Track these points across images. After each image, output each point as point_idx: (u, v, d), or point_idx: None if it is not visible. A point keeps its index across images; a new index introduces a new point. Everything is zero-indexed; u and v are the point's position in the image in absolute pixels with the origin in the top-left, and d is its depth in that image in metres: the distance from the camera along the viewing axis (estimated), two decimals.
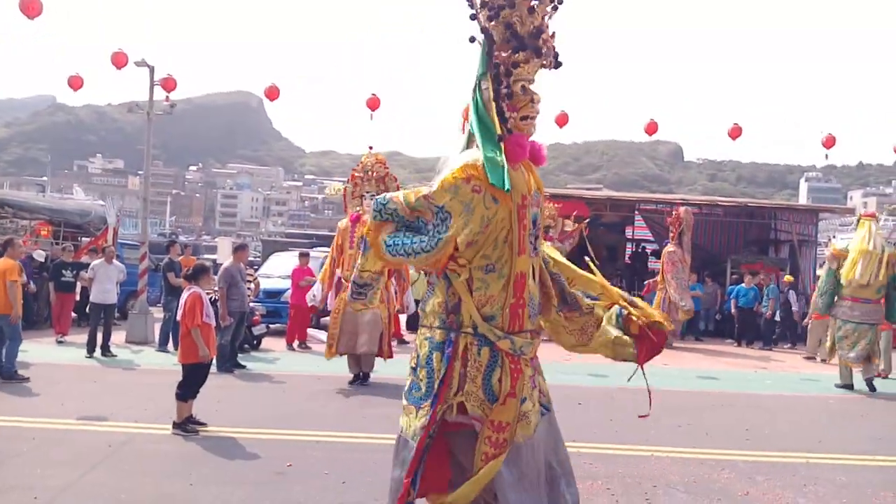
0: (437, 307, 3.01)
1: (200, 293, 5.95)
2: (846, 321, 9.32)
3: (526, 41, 2.94)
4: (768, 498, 4.70)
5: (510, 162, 2.92)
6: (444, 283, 3.01)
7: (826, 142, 14.05)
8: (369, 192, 8.16)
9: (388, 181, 8.31)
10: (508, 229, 2.93)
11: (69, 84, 13.40)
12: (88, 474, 4.69)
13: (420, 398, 2.99)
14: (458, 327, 2.94)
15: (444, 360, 2.91)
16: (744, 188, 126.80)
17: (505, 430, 2.88)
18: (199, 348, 5.80)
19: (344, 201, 8.62)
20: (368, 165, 8.42)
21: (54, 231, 15.51)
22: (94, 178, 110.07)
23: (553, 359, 11.06)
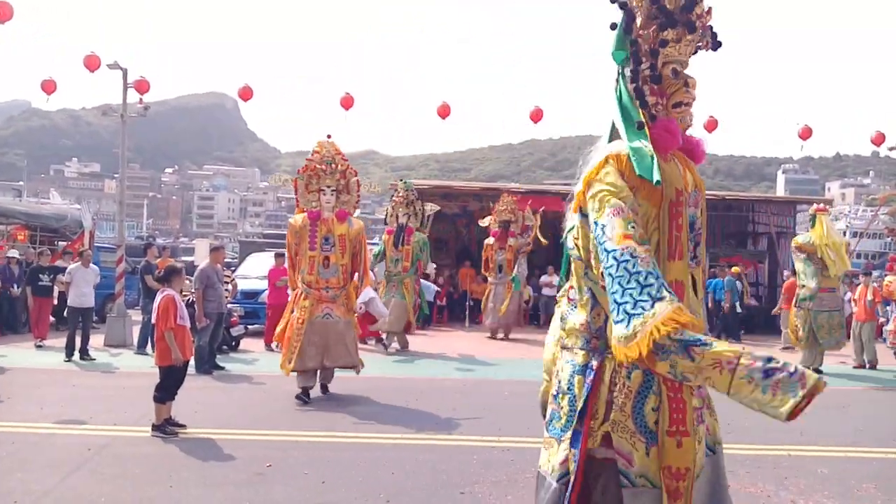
0: (579, 327, 2.53)
1: (174, 295, 5.90)
2: (819, 311, 9.89)
3: (676, 16, 2.49)
4: (750, 491, 4.75)
5: (659, 151, 2.44)
6: (588, 300, 2.51)
7: (802, 133, 14.25)
8: (329, 187, 7.33)
9: (350, 176, 7.53)
10: (657, 229, 2.43)
11: (42, 88, 13.23)
12: (68, 478, 4.64)
13: (561, 429, 2.56)
14: (605, 349, 2.44)
15: (587, 386, 2.46)
16: (721, 181, 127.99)
17: (683, 477, 2.35)
18: (172, 351, 5.75)
19: (295, 195, 7.59)
20: (329, 156, 7.45)
21: (30, 235, 15.33)
22: (71, 182, 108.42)
23: (533, 355, 11.20)
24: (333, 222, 7.30)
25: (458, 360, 10.56)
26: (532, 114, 14.69)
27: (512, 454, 5.43)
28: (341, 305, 7.24)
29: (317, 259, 7.21)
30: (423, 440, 5.82)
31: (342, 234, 7.29)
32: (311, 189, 7.42)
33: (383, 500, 4.39)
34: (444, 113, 14.87)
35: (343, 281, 7.28)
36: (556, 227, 16.99)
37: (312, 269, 7.20)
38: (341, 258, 7.25)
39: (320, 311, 7.11)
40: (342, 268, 7.26)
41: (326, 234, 7.24)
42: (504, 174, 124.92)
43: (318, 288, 7.17)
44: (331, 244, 7.23)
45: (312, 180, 7.42)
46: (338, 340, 7.12)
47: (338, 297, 7.22)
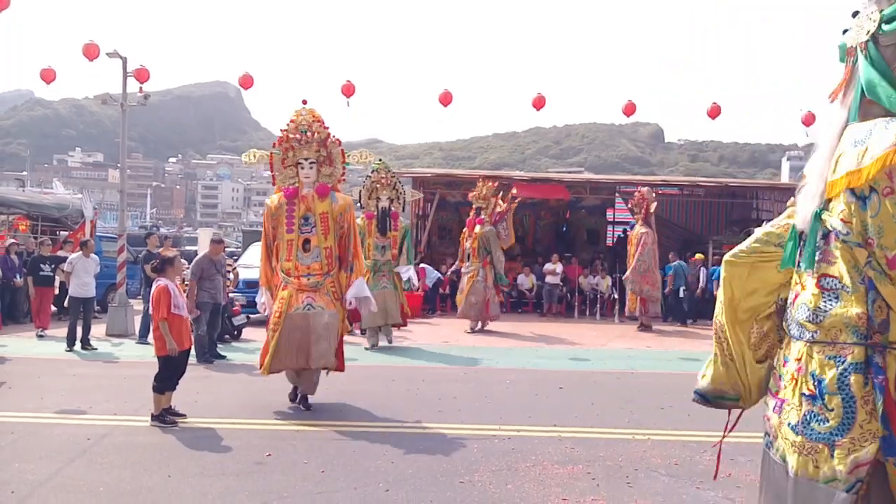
0: (852, 320, 2.26)
1: (168, 285, 5.87)
2: None
3: None
4: (751, 479, 4.71)
5: None
6: (864, 291, 2.25)
7: (806, 119, 14.14)
8: (308, 159, 6.37)
9: (332, 146, 6.50)
10: None
11: (41, 77, 13.21)
12: (66, 468, 4.64)
13: (831, 433, 2.28)
14: (887, 345, 2.21)
15: (879, 386, 2.19)
16: (725, 168, 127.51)
17: None
18: (167, 341, 5.73)
19: (271, 171, 6.60)
20: (305, 124, 6.44)
21: (32, 225, 15.36)
22: (74, 172, 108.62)
23: (535, 344, 11.18)
24: (313, 199, 6.33)
25: (460, 348, 10.54)
26: (534, 101, 14.59)
27: (513, 443, 5.41)
28: (325, 294, 6.26)
29: (295, 242, 6.29)
30: (423, 428, 5.80)
31: (324, 212, 6.32)
32: (287, 164, 6.47)
33: (383, 488, 4.37)
34: (445, 100, 14.78)
35: (328, 266, 6.33)
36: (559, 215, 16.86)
37: (290, 253, 6.29)
38: (324, 240, 6.30)
39: (300, 301, 6.15)
40: (325, 251, 6.31)
41: (305, 213, 6.33)
42: (508, 162, 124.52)
43: (297, 276, 6.26)
44: (311, 224, 6.32)
45: (289, 153, 6.45)
46: (321, 336, 6.08)
47: (321, 284, 6.26)
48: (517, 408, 6.65)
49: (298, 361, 6.09)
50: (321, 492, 4.32)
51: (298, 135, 6.40)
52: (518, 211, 19.32)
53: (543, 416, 6.31)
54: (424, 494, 4.30)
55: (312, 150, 6.39)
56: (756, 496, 4.40)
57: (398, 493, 4.31)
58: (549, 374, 8.62)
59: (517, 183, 17.75)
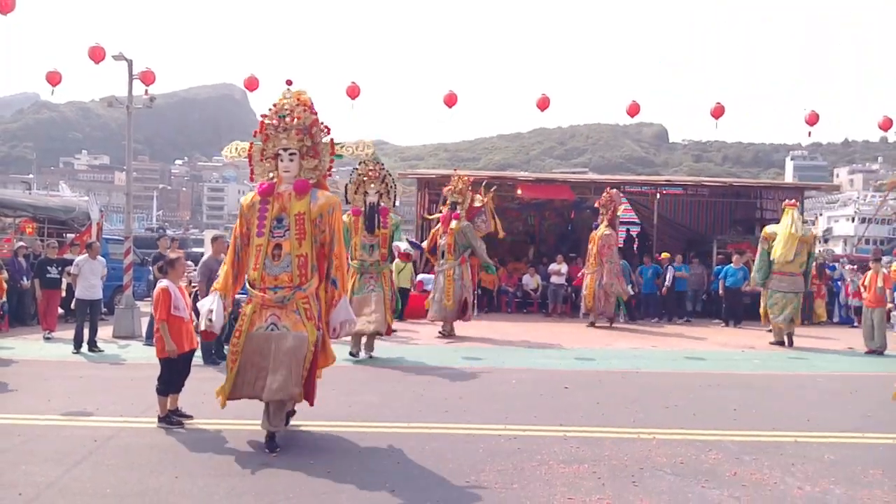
0: None
1: (169, 286, 5.86)
2: (775, 291, 11.60)
3: None
4: (756, 478, 4.72)
5: None
6: None
7: (809, 119, 14.09)
8: (287, 150, 5.40)
9: (317, 133, 5.50)
10: None
11: (47, 79, 13.24)
12: (73, 470, 4.66)
13: None
14: None
15: None
16: (729, 168, 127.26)
17: None
18: (166, 343, 5.74)
19: (250, 164, 5.67)
20: (287, 109, 5.44)
21: (39, 228, 15.42)
22: (80, 175, 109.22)
23: (540, 344, 11.17)
24: (290, 197, 5.36)
25: (465, 348, 10.54)
26: (539, 102, 14.59)
27: (518, 443, 5.42)
28: (294, 312, 5.25)
29: (264, 248, 5.31)
30: (428, 429, 5.81)
31: (300, 212, 5.32)
32: (266, 155, 5.50)
33: (388, 489, 4.38)
34: (450, 102, 14.79)
35: (300, 278, 5.28)
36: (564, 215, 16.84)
37: (258, 261, 5.32)
38: (297, 246, 5.28)
39: (263, 319, 5.25)
40: (298, 259, 5.28)
41: (279, 214, 5.35)
42: (513, 163, 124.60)
43: (262, 288, 5.28)
44: (284, 227, 5.33)
45: (269, 143, 5.46)
46: (281, 363, 5.07)
47: (289, 300, 5.24)
48: (523, 407, 6.65)
49: (256, 391, 5.19)
50: (327, 492, 4.34)
51: (277, 120, 5.40)
52: (523, 211, 19.45)
53: (549, 415, 6.31)
54: (430, 494, 4.31)
55: (293, 139, 5.37)
56: (762, 495, 4.42)
57: (404, 493, 4.32)
58: (554, 373, 8.62)
59: (522, 184, 17.77)
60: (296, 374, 5.10)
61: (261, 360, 5.17)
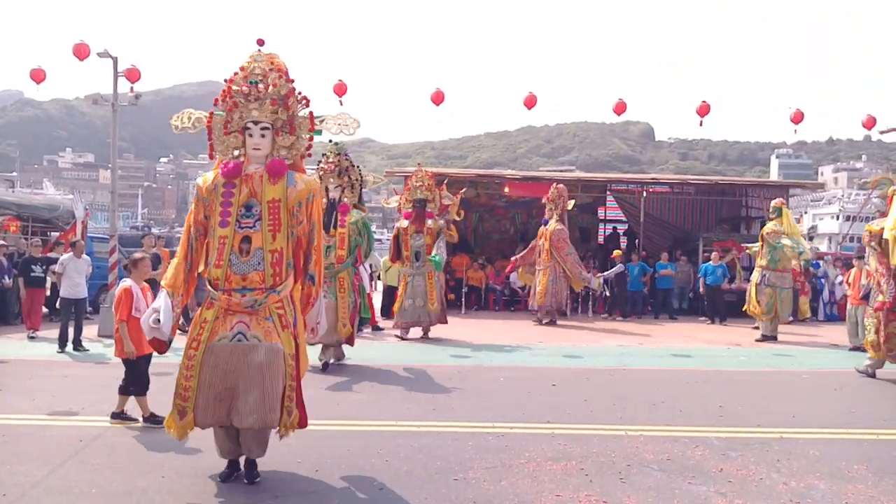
0: None
1: (132, 286, 5.80)
2: (783, 288, 11.84)
3: None
4: (742, 474, 4.76)
5: None
6: None
7: (794, 117, 14.24)
8: (258, 123, 4.42)
9: (293, 104, 4.55)
10: None
11: (31, 77, 13.12)
12: (59, 470, 4.62)
13: None
14: None
15: None
16: (715, 166, 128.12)
17: None
18: (125, 344, 5.68)
19: (209, 139, 4.66)
20: (258, 74, 4.46)
21: (22, 226, 15.26)
22: (65, 173, 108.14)
23: (527, 342, 11.21)
24: (262, 180, 4.42)
25: (454, 346, 10.55)
26: (526, 100, 14.64)
27: (507, 440, 5.44)
28: (266, 319, 4.37)
29: (229, 241, 4.34)
30: (417, 427, 5.81)
31: (274, 199, 4.41)
32: (231, 129, 4.49)
33: (377, 487, 4.38)
34: (437, 100, 14.80)
35: (273, 278, 4.38)
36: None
37: (221, 257, 4.34)
38: (271, 240, 4.37)
39: (228, 328, 4.32)
40: (272, 255, 4.38)
41: (248, 200, 4.41)
42: (500, 161, 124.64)
43: (227, 289, 4.33)
44: (255, 216, 4.39)
45: (233, 114, 4.47)
46: (253, 382, 4.20)
47: (260, 304, 4.35)
48: (510, 405, 6.68)
49: (217, 416, 4.23)
50: (315, 490, 4.33)
51: (247, 87, 4.43)
52: (510, 209, 19.49)
53: (537, 412, 6.34)
54: (419, 492, 4.31)
55: (266, 111, 4.42)
56: (748, 490, 4.46)
57: (393, 491, 4.33)
58: (541, 371, 8.65)
59: (509, 182, 17.80)
60: (270, 397, 4.21)
61: (224, 379, 4.21)
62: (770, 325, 11.95)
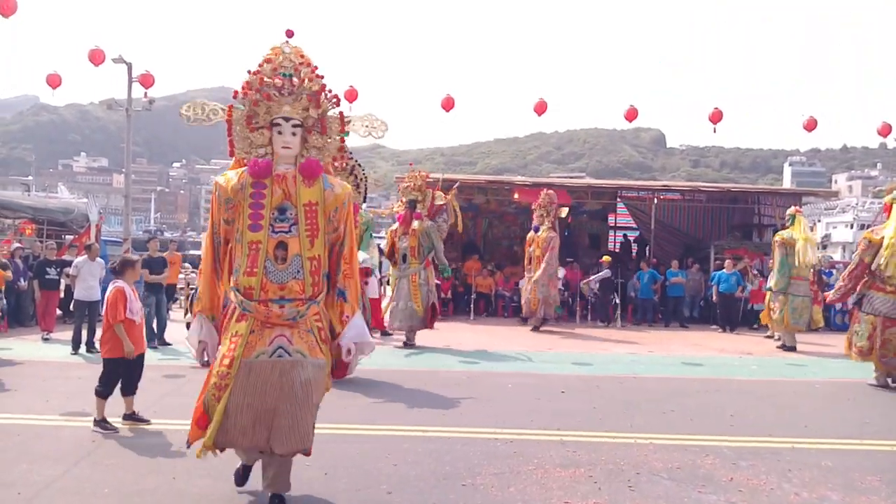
0: None
1: (125, 288, 5.84)
2: (796, 296, 11.76)
3: None
4: (753, 483, 4.73)
5: None
6: None
7: (808, 124, 14.17)
8: (290, 120, 3.99)
9: (326, 104, 4.16)
10: None
11: (47, 82, 13.33)
12: (72, 469, 4.67)
13: None
14: None
15: None
16: (727, 174, 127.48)
17: None
18: (125, 344, 5.70)
19: (228, 134, 4.17)
20: (290, 66, 4.08)
21: (38, 229, 15.45)
22: (79, 177, 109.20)
23: (536, 348, 11.20)
24: (296, 181, 4.02)
25: (462, 352, 10.55)
26: (536, 106, 14.67)
27: (514, 446, 5.44)
28: (307, 333, 3.98)
29: (263, 247, 3.92)
30: (425, 431, 5.82)
31: (312, 202, 4.01)
32: (257, 124, 4.06)
33: (385, 491, 4.40)
34: (447, 106, 14.86)
35: (313, 288, 4.00)
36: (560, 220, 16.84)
37: (255, 264, 3.90)
38: (309, 246, 3.97)
39: (267, 343, 3.89)
40: (311, 263, 3.98)
41: (282, 203, 3.99)
42: (510, 167, 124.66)
43: (264, 299, 3.90)
44: (290, 220, 3.98)
45: (258, 108, 4.04)
46: (298, 402, 3.84)
47: (302, 316, 3.95)
48: (519, 411, 6.67)
49: (256, 439, 3.84)
50: (323, 494, 4.35)
51: (279, 80, 4.02)
52: (519, 215, 19.48)
53: (545, 419, 6.33)
54: (427, 497, 4.32)
55: (298, 107, 4.03)
56: (759, 500, 4.44)
57: (401, 495, 4.34)
58: (550, 377, 8.63)
59: (518, 188, 17.81)
60: (313, 416, 3.97)
61: (263, 399, 3.80)
62: (789, 334, 11.88)
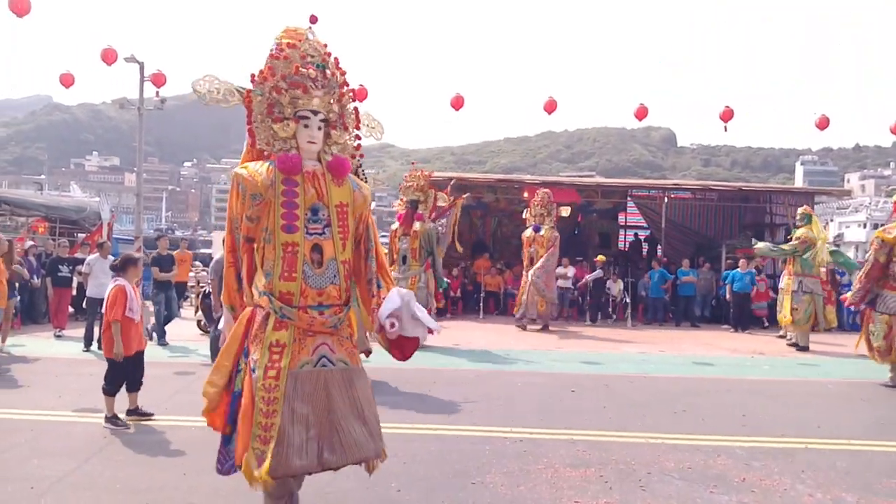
0: None
1: (125, 286, 5.85)
2: (819, 295, 11.72)
3: None
4: (766, 484, 4.68)
5: None
6: None
7: (819, 123, 14.05)
8: (317, 114, 3.58)
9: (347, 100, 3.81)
10: None
11: (60, 81, 13.43)
12: (84, 465, 4.71)
13: None
14: None
15: None
16: (739, 173, 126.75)
17: None
18: (115, 344, 5.70)
19: (248, 122, 3.73)
20: (317, 54, 3.69)
21: (51, 227, 15.59)
22: (91, 176, 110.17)
23: (546, 347, 11.17)
24: (326, 180, 3.67)
25: (472, 350, 10.54)
26: (546, 105, 14.63)
27: (524, 445, 5.42)
28: (346, 340, 3.76)
29: (301, 249, 3.57)
30: (434, 430, 5.82)
31: (342, 203, 3.70)
32: (282, 114, 3.60)
33: (394, 489, 4.40)
34: (457, 104, 14.85)
35: (347, 292, 3.75)
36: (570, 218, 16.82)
37: (293, 268, 3.54)
38: (341, 249, 3.67)
39: (310, 352, 3.56)
40: (344, 267, 3.68)
41: (315, 203, 3.63)
42: (519, 166, 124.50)
43: (303, 305, 3.55)
44: (322, 221, 3.64)
45: (281, 98, 3.59)
46: (353, 413, 3.59)
47: (342, 322, 3.70)
48: (529, 410, 6.65)
49: (309, 458, 3.42)
50: (332, 491, 4.35)
51: (314, 70, 3.63)
52: None
53: (555, 418, 6.31)
54: (436, 495, 4.32)
55: (326, 101, 3.65)
56: (772, 501, 4.40)
57: (410, 493, 4.34)
58: (560, 377, 8.61)
59: (528, 187, 17.78)
60: (376, 423, 3.71)
61: (314, 412, 3.45)
62: (804, 334, 11.77)
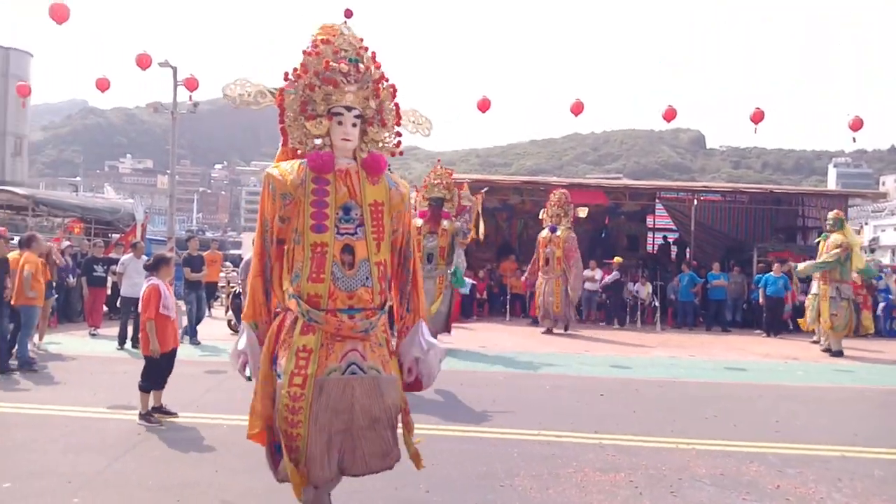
0: None
1: (159, 285, 5.95)
2: (849, 299, 11.45)
3: None
4: (801, 492, 4.58)
5: None
6: None
7: (853, 124, 13.74)
8: (352, 110, 3.45)
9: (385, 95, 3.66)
10: None
11: (96, 85, 13.74)
12: (118, 461, 4.79)
13: None
14: None
15: None
16: (770, 175, 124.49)
17: None
18: (151, 342, 5.81)
19: (280, 121, 3.61)
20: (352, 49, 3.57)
21: (86, 228, 15.93)
22: (125, 178, 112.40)
23: (574, 350, 11.08)
24: (359, 178, 3.53)
25: (499, 353, 10.51)
26: (573, 107, 14.54)
27: (553, 448, 5.38)
28: (378, 346, 3.52)
29: (331, 250, 3.41)
30: (463, 432, 5.81)
31: (377, 202, 3.54)
32: (315, 112, 3.50)
33: (423, 490, 4.40)
34: (483, 107, 14.84)
35: (381, 295, 3.54)
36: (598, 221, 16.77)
37: (321, 269, 3.38)
38: (375, 250, 3.49)
39: (338, 359, 3.38)
40: (378, 269, 3.50)
41: (346, 202, 3.48)
42: (545, 169, 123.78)
43: (332, 309, 3.39)
44: (355, 221, 3.48)
45: (314, 93, 3.48)
46: (378, 423, 3.42)
47: (373, 327, 3.47)
48: (557, 413, 6.61)
49: (331, 468, 3.36)
50: (361, 491, 4.36)
51: (346, 65, 3.48)
52: None
53: (584, 422, 6.25)
54: (465, 496, 4.31)
55: (361, 96, 3.50)
56: None
57: (438, 494, 4.34)
58: (589, 380, 8.54)
59: (554, 189, 17.69)
60: (393, 435, 3.51)
61: (336, 421, 3.32)
62: (838, 340, 11.54)
